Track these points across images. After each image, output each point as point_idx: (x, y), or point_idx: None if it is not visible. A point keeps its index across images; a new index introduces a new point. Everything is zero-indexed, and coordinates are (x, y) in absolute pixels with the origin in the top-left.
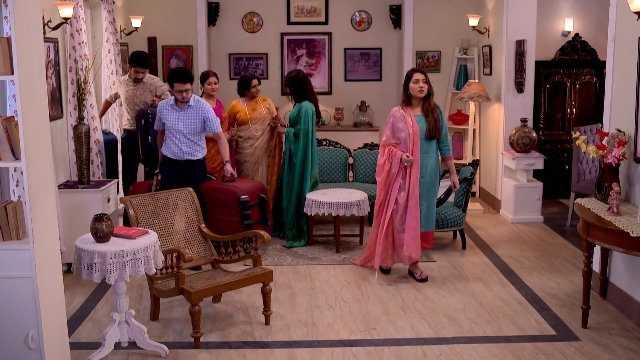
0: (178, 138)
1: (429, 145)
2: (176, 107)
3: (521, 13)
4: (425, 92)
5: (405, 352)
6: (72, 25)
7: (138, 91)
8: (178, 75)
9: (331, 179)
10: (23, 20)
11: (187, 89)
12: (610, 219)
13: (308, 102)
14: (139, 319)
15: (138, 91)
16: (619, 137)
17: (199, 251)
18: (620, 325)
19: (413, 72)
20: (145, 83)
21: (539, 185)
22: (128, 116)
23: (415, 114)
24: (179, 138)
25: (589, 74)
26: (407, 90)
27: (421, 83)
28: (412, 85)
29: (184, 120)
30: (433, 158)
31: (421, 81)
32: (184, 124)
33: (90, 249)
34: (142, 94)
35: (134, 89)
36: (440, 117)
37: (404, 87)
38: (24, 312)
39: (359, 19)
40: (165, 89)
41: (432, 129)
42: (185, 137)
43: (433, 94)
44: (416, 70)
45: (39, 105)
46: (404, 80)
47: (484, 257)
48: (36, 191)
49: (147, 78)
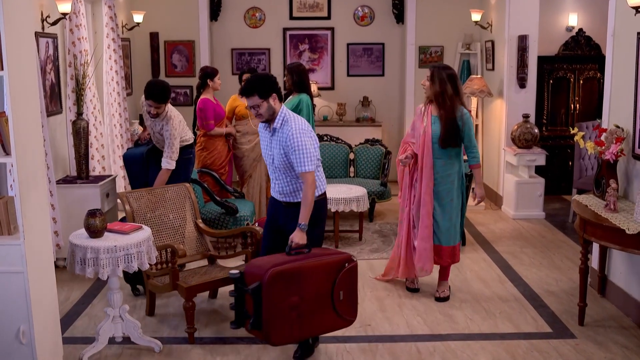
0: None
1: (442, 151)
2: (268, 129)
3: (523, 8)
4: (427, 91)
5: (399, 348)
6: (72, 21)
7: (155, 128)
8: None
9: (332, 174)
10: (13, 16)
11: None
12: (606, 216)
13: (306, 95)
14: (136, 314)
15: (155, 128)
16: (617, 133)
17: (196, 246)
18: (617, 323)
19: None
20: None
21: (541, 181)
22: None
23: (433, 114)
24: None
25: (593, 69)
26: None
27: (424, 80)
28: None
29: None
30: (448, 165)
31: (427, 78)
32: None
33: (84, 244)
34: (158, 131)
35: (153, 123)
36: (463, 123)
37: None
38: (14, 307)
39: (361, 14)
40: (173, 141)
41: (444, 135)
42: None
43: (456, 95)
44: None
45: (30, 101)
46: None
47: (484, 253)
48: (27, 186)
49: (169, 111)
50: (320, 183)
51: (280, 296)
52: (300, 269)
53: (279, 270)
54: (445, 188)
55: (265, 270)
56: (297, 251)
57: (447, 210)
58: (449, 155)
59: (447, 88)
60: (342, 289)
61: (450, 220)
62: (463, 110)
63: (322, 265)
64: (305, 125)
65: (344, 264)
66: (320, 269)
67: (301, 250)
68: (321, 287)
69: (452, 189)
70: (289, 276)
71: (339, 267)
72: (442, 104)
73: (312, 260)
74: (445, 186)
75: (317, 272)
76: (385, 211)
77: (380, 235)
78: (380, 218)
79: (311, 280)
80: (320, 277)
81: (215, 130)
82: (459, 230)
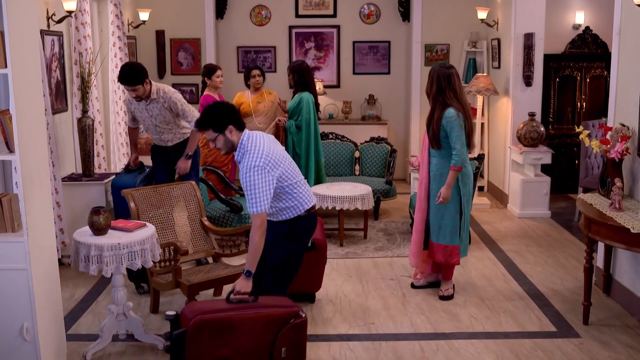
0: None
1: (435, 150)
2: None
3: (530, 6)
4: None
5: (403, 347)
6: (77, 19)
7: (154, 110)
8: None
9: (337, 172)
10: (17, 14)
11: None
12: (611, 215)
13: (308, 93)
14: (140, 312)
15: (154, 110)
16: (622, 131)
17: (200, 244)
18: (622, 322)
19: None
20: (154, 100)
21: (547, 179)
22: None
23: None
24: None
25: (600, 67)
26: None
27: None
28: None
29: None
30: (441, 164)
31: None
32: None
33: (88, 242)
34: (159, 113)
35: (147, 108)
36: (447, 121)
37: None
38: (18, 304)
39: (367, 11)
40: (185, 106)
41: (428, 133)
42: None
43: (448, 96)
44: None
45: (34, 99)
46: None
47: (489, 252)
48: (30, 184)
49: (156, 90)
50: (303, 200)
51: (207, 346)
52: (232, 320)
53: (204, 319)
54: (437, 186)
55: (193, 317)
56: (240, 299)
57: (439, 209)
58: (441, 154)
59: (432, 87)
60: (284, 345)
61: (442, 219)
62: (450, 111)
63: (260, 318)
64: (263, 159)
65: (289, 319)
66: (258, 322)
67: (245, 299)
68: (259, 341)
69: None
70: (218, 326)
71: (283, 321)
72: (430, 102)
73: (250, 312)
74: (437, 184)
75: (254, 325)
76: (390, 209)
77: (385, 233)
78: (386, 216)
79: (246, 332)
80: (257, 331)
81: None
82: (457, 232)
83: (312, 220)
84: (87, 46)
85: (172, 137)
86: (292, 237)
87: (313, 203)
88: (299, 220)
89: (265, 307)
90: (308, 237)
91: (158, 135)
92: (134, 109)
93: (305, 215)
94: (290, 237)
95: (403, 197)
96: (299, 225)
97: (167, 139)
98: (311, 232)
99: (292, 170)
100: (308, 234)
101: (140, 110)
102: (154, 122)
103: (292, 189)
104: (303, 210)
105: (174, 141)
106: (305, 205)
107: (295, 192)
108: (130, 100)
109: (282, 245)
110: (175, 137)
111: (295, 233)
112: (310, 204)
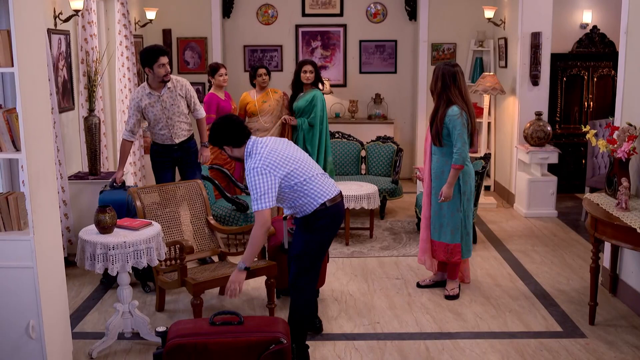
0: None
1: (437, 148)
2: None
3: (537, 5)
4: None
5: (408, 346)
6: (84, 18)
7: (168, 100)
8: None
9: (344, 171)
10: (23, 13)
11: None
12: (618, 215)
13: (319, 91)
14: (146, 310)
15: (168, 100)
16: (629, 131)
17: (206, 243)
18: (628, 322)
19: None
20: (170, 87)
21: (554, 179)
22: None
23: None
24: None
25: (607, 67)
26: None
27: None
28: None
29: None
30: (442, 162)
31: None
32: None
33: (93, 240)
34: (173, 102)
35: (161, 99)
36: (449, 119)
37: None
38: (24, 302)
39: (374, 10)
40: (196, 97)
41: (430, 130)
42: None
43: (453, 94)
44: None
45: (40, 97)
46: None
47: (495, 251)
48: (36, 182)
49: (170, 78)
50: (317, 195)
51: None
52: (207, 345)
53: (179, 342)
54: (438, 184)
55: (171, 338)
56: (225, 320)
57: (441, 207)
58: (442, 152)
59: (437, 84)
60: None
61: (443, 217)
62: (454, 109)
63: (237, 343)
64: (261, 162)
65: (268, 345)
66: (235, 348)
67: (230, 320)
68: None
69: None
70: (192, 350)
71: (262, 348)
72: (434, 100)
73: (228, 336)
74: (438, 182)
75: (231, 351)
76: (396, 209)
77: (391, 232)
78: (392, 216)
79: (223, 358)
80: (235, 357)
81: None
82: (458, 231)
83: (331, 212)
84: (93, 45)
85: (181, 131)
86: (309, 229)
87: (330, 196)
88: (319, 213)
89: (246, 332)
90: (329, 230)
91: (168, 129)
92: (144, 106)
93: (321, 208)
94: (308, 228)
95: (409, 197)
96: (320, 218)
97: (177, 133)
98: (335, 226)
99: (302, 167)
100: (328, 227)
101: (152, 104)
102: (167, 114)
103: (302, 186)
104: (318, 204)
105: (181, 137)
106: (319, 199)
107: (306, 189)
108: (140, 98)
109: (300, 235)
110: (184, 131)
111: (312, 225)
112: (326, 197)
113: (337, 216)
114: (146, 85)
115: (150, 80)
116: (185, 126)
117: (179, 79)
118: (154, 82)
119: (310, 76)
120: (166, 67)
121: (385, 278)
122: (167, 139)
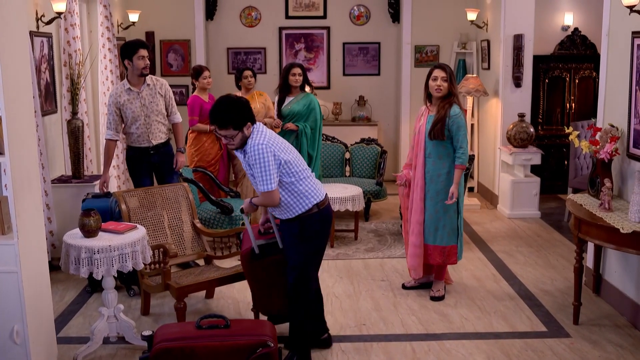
0: None
1: (434, 149)
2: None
3: (519, 7)
4: (444, 92)
5: (394, 347)
6: (67, 20)
7: (147, 97)
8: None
9: (328, 173)
10: (6, 15)
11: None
12: (601, 215)
13: (313, 95)
14: (131, 314)
15: (147, 97)
16: (611, 132)
17: (192, 247)
18: (612, 321)
19: (433, 69)
20: (150, 85)
21: (537, 180)
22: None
23: (431, 114)
24: None
25: (589, 68)
26: (427, 87)
27: (439, 81)
28: (430, 82)
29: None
30: (438, 164)
31: (440, 79)
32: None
33: (78, 244)
34: (152, 100)
35: (140, 96)
36: (453, 120)
37: (425, 83)
38: (8, 307)
39: (357, 13)
40: (173, 98)
41: (432, 127)
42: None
43: (455, 94)
44: (438, 66)
45: (24, 101)
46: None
47: (479, 252)
48: (20, 186)
49: (149, 76)
50: (310, 194)
51: None
52: (194, 349)
53: (165, 346)
54: (434, 187)
55: (157, 342)
56: (211, 324)
57: (438, 211)
58: (439, 154)
59: (454, 84)
60: None
61: (439, 220)
62: (455, 109)
63: (224, 347)
64: (266, 139)
65: (256, 348)
66: (222, 351)
67: (217, 324)
68: None
69: (442, 189)
70: (179, 354)
71: (249, 351)
72: (448, 101)
73: (215, 340)
74: (434, 186)
75: (218, 355)
76: (381, 210)
77: (376, 234)
78: (376, 217)
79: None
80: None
81: (198, 126)
82: (455, 232)
83: (323, 217)
84: (76, 47)
85: (158, 132)
86: (305, 238)
87: (320, 198)
88: (310, 219)
89: (233, 335)
90: (323, 236)
91: (146, 128)
92: (123, 102)
93: (315, 213)
94: (304, 237)
95: (393, 198)
96: (311, 225)
97: (154, 133)
98: (326, 230)
99: (299, 163)
100: (320, 232)
101: (131, 101)
102: (145, 112)
103: (293, 186)
104: (309, 205)
105: (158, 139)
106: (311, 200)
107: (298, 188)
108: (119, 94)
109: (297, 245)
110: (162, 133)
111: (308, 234)
112: (317, 199)
113: (327, 220)
114: (126, 82)
115: (130, 75)
116: (163, 128)
117: (159, 79)
118: (134, 77)
119: (299, 79)
120: (145, 60)
121: (370, 280)
122: (144, 140)
